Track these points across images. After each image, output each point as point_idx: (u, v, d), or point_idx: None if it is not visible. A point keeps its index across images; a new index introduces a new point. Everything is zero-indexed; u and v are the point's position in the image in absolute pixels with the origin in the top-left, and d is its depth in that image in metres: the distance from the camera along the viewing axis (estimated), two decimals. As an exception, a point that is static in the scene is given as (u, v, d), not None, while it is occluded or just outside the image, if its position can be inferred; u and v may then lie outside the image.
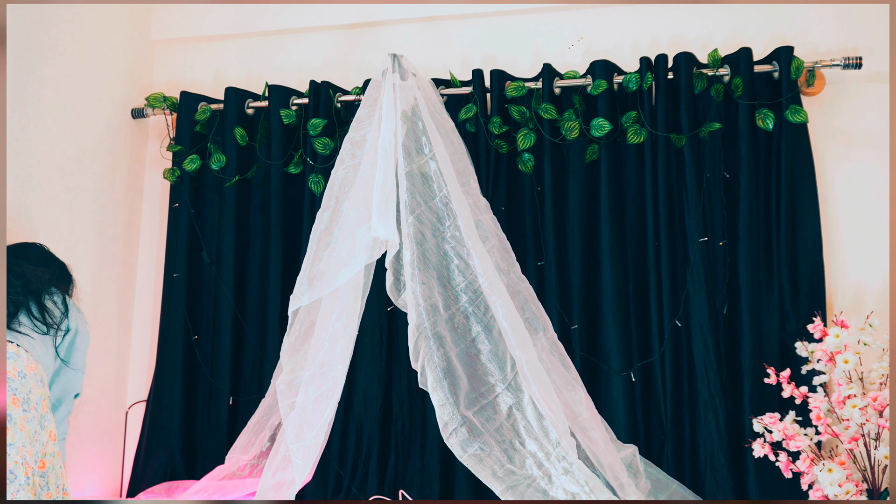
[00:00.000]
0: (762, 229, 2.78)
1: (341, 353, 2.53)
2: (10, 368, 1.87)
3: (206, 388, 3.09)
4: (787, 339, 2.68)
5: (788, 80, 2.77)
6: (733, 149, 2.83)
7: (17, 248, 2.37)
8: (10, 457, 1.76)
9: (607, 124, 2.85)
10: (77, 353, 2.19)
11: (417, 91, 2.75)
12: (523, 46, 3.19)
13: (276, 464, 2.55)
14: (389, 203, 2.52)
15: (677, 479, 2.64)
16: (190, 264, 3.17)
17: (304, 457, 2.46)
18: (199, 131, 3.23)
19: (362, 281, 2.60)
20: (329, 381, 2.52)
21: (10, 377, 1.86)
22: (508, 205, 2.97)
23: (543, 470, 2.44)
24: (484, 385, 2.55)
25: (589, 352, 2.84)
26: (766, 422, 2.45)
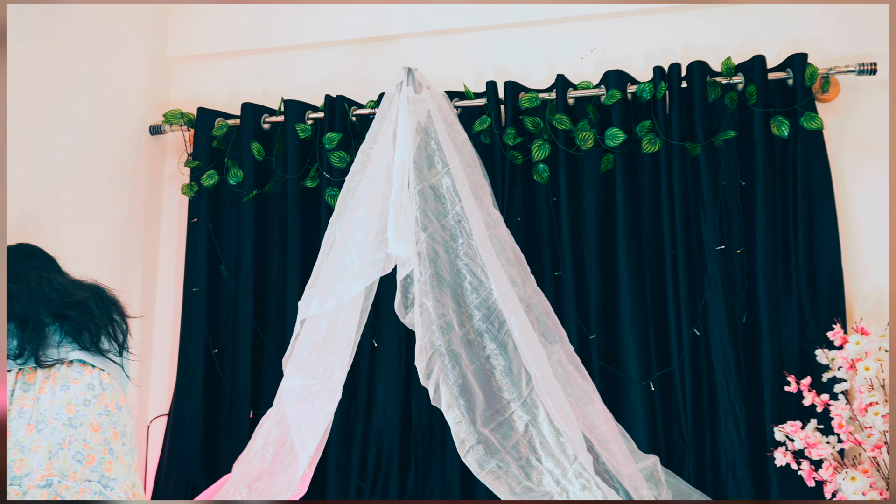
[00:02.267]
0: (779, 236, 2.77)
1: (340, 362, 2.57)
2: (109, 400, 1.86)
3: (227, 402, 3.11)
4: (807, 347, 2.66)
5: (803, 87, 2.77)
6: (749, 156, 2.83)
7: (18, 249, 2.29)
8: (115, 491, 1.75)
9: (622, 134, 2.86)
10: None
11: (431, 104, 2.77)
12: (536, 58, 3.20)
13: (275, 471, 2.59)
14: (406, 219, 2.54)
15: (699, 489, 2.63)
16: (209, 278, 3.20)
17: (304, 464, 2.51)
18: (216, 147, 3.26)
19: (363, 293, 2.62)
20: (326, 389, 2.55)
21: (109, 409, 1.85)
22: (524, 216, 2.98)
23: (561, 486, 2.44)
24: (500, 402, 2.56)
25: (608, 361, 2.83)
26: (788, 430, 2.44)
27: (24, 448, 1.72)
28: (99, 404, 1.84)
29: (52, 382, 1.83)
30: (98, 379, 1.89)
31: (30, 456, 1.71)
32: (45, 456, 1.71)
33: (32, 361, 1.85)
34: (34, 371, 1.85)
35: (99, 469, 1.75)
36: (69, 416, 1.77)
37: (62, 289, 2.00)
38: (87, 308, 1.98)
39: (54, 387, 1.82)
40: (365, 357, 2.98)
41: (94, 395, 1.84)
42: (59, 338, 1.91)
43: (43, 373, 1.84)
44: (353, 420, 2.97)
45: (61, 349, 1.89)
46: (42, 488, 1.68)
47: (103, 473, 1.75)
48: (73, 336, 1.92)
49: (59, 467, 1.71)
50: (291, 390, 2.62)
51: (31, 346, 1.86)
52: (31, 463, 1.70)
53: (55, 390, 1.81)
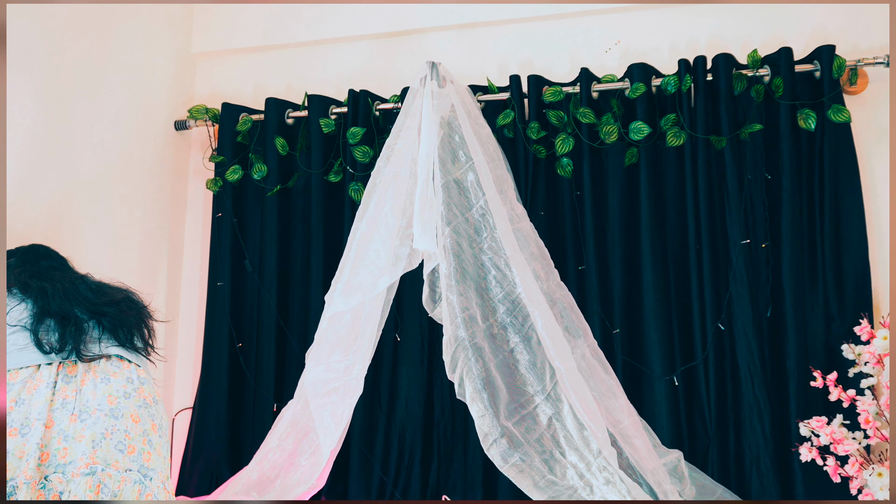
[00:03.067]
0: (805, 230, 2.75)
1: (362, 357, 2.59)
2: (147, 393, 1.93)
3: (251, 396, 3.13)
4: (833, 342, 2.64)
5: (830, 80, 2.74)
6: (775, 150, 2.80)
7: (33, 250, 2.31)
8: (154, 481, 1.81)
9: (646, 127, 2.84)
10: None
11: (455, 98, 2.77)
12: (560, 51, 3.19)
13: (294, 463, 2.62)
14: (431, 214, 2.54)
15: (723, 484, 2.61)
16: (233, 273, 3.22)
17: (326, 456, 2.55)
18: (240, 142, 3.28)
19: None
20: (348, 382, 2.57)
21: (147, 402, 1.91)
22: (548, 210, 2.97)
23: (585, 480, 2.43)
24: (523, 395, 2.56)
25: (631, 356, 2.82)
26: (814, 425, 2.42)
27: (69, 437, 1.77)
28: (138, 397, 1.90)
29: (92, 375, 1.89)
30: (136, 373, 1.96)
31: (74, 444, 1.76)
32: (90, 445, 1.76)
33: (74, 355, 1.91)
34: (75, 364, 1.90)
35: (139, 459, 1.81)
36: (111, 408, 1.83)
37: (98, 289, 2.08)
38: (122, 308, 2.05)
39: (95, 379, 1.88)
40: (388, 351, 2.99)
41: (133, 389, 1.91)
42: (97, 334, 1.97)
43: (83, 366, 1.91)
44: (376, 413, 2.99)
45: (101, 344, 1.96)
46: (86, 476, 1.74)
47: (143, 464, 1.81)
48: (111, 332, 1.99)
49: (102, 456, 1.76)
50: (314, 383, 2.63)
51: (73, 341, 1.92)
52: (74, 451, 1.76)
53: (96, 382, 1.88)
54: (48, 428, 1.78)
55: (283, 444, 2.66)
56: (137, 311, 2.10)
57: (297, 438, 2.67)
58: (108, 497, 1.74)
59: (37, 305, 1.98)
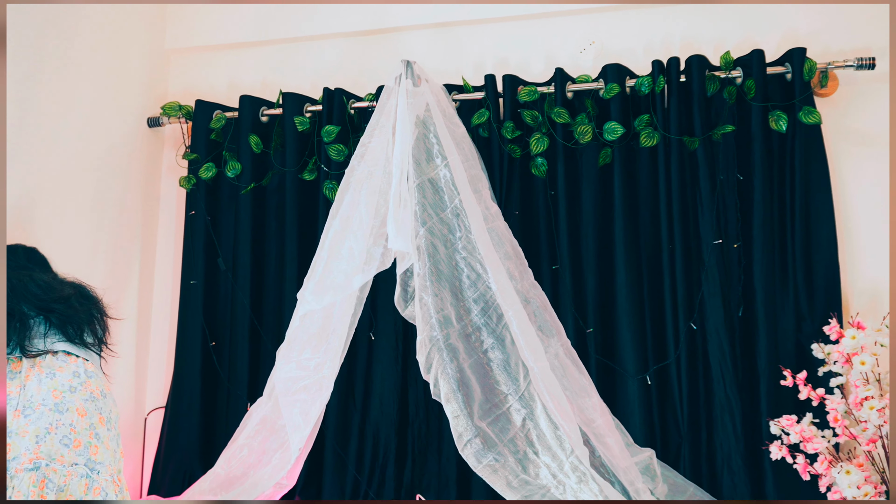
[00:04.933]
0: (777, 231, 2.78)
1: (332, 356, 2.60)
2: (94, 387, 1.92)
3: (224, 394, 3.11)
4: (804, 341, 2.67)
5: (801, 82, 2.77)
6: (747, 151, 2.83)
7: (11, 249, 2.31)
8: (101, 475, 1.80)
9: (620, 128, 2.86)
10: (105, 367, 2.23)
11: (430, 97, 2.77)
12: (535, 51, 3.20)
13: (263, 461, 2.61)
14: (405, 214, 2.54)
15: (694, 483, 2.64)
16: (207, 271, 3.20)
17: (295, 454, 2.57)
18: (214, 139, 3.26)
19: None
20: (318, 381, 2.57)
21: (94, 396, 1.90)
22: (522, 209, 2.98)
23: (558, 480, 2.45)
24: (497, 396, 2.57)
25: (604, 355, 2.84)
26: (783, 424, 2.44)
27: (12, 433, 1.77)
28: (84, 391, 1.89)
29: (37, 370, 1.88)
30: (83, 367, 1.95)
31: (17, 440, 1.76)
32: (33, 440, 1.76)
33: (18, 351, 1.90)
34: (19, 360, 1.90)
35: (85, 453, 1.80)
36: (56, 402, 1.83)
37: (45, 285, 2.06)
38: (71, 304, 2.04)
39: (40, 374, 1.87)
40: (362, 350, 2.99)
41: (79, 382, 1.90)
42: (44, 329, 1.97)
43: (28, 362, 1.90)
44: (350, 412, 2.98)
45: (47, 340, 1.96)
46: (30, 471, 1.73)
47: (90, 457, 1.80)
48: (59, 328, 1.98)
49: (46, 451, 1.75)
50: (284, 381, 2.63)
51: (17, 337, 1.92)
52: (18, 447, 1.75)
53: (41, 378, 1.87)
54: None
55: (251, 443, 2.66)
56: (89, 306, 2.09)
57: (266, 436, 2.66)
58: (53, 492, 1.73)
59: None
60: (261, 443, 2.69)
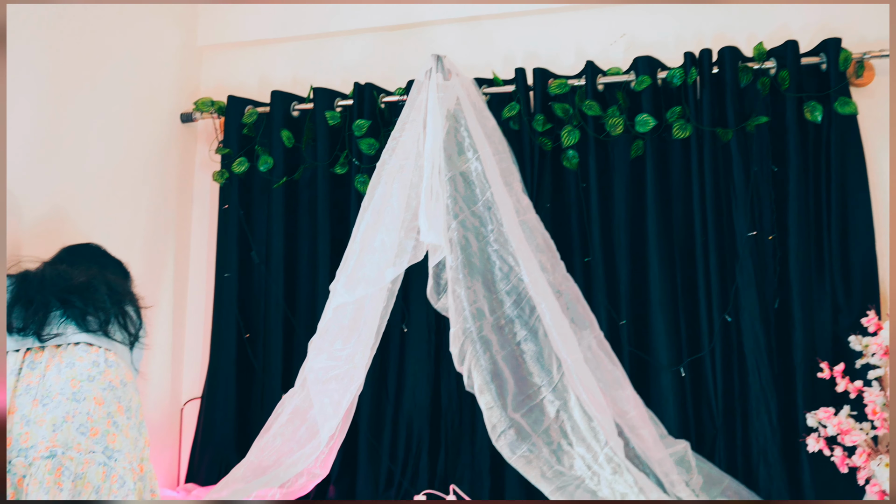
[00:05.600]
0: (812, 222, 2.75)
1: (364, 347, 2.61)
2: (113, 376, 1.91)
3: (259, 385, 3.14)
4: (841, 333, 2.64)
5: (837, 72, 2.74)
6: (781, 142, 2.80)
7: (75, 249, 2.38)
8: (119, 462, 1.80)
9: (652, 120, 2.85)
10: (141, 362, 2.24)
11: (460, 90, 2.77)
12: (566, 44, 3.19)
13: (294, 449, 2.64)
14: (437, 207, 2.55)
15: (730, 475, 2.62)
16: (240, 264, 3.23)
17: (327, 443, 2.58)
18: (246, 134, 3.29)
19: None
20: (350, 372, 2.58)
21: (113, 385, 1.90)
22: (553, 202, 2.98)
23: (592, 471, 2.45)
24: (531, 387, 2.57)
25: (638, 347, 2.83)
26: (821, 416, 2.43)
27: (30, 422, 1.78)
28: (103, 380, 1.89)
29: (58, 360, 1.89)
30: (103, 357, 1.95)
31: (34, 429, 1.77)
32: (50, 429, 1.77)
33: (33, 336, 1.91)
34: (41, 350, 1.91)
35: (103, 441, 1.80)
36: (73, 391, 1.83)
37: (66, 274, 2.06)
38: (94, 296, 2.04)
39: (60, 364, 1.89)
40: (395, 342, 3.01)
41: (98, 372, 1.90)
42: (64, 319, 1.97)
43: (49, 352, 1.91)
44: (384, 404, 3.00)
45: (68, 329, 1.96)
46: (46, 458, 1.74)
47: (107, 445, 1.80)
48: (77, 321, 1.98)
49: (62, 439, 1.76)
50: (316, 371, 2.65)
51: (35, 323, 1.93)
52: (35, 435, 1.76)
53: (61, 367, 1.88)
54: (11, 414, 1.79)
55: (284, 431, 2.68)
56: (118, 299, 2.09)
57: (297, 426, 2.68)
58: (69, 479, 1.74)
59: (12, 292, 2.00)
60: (293, 432, 2.71)
